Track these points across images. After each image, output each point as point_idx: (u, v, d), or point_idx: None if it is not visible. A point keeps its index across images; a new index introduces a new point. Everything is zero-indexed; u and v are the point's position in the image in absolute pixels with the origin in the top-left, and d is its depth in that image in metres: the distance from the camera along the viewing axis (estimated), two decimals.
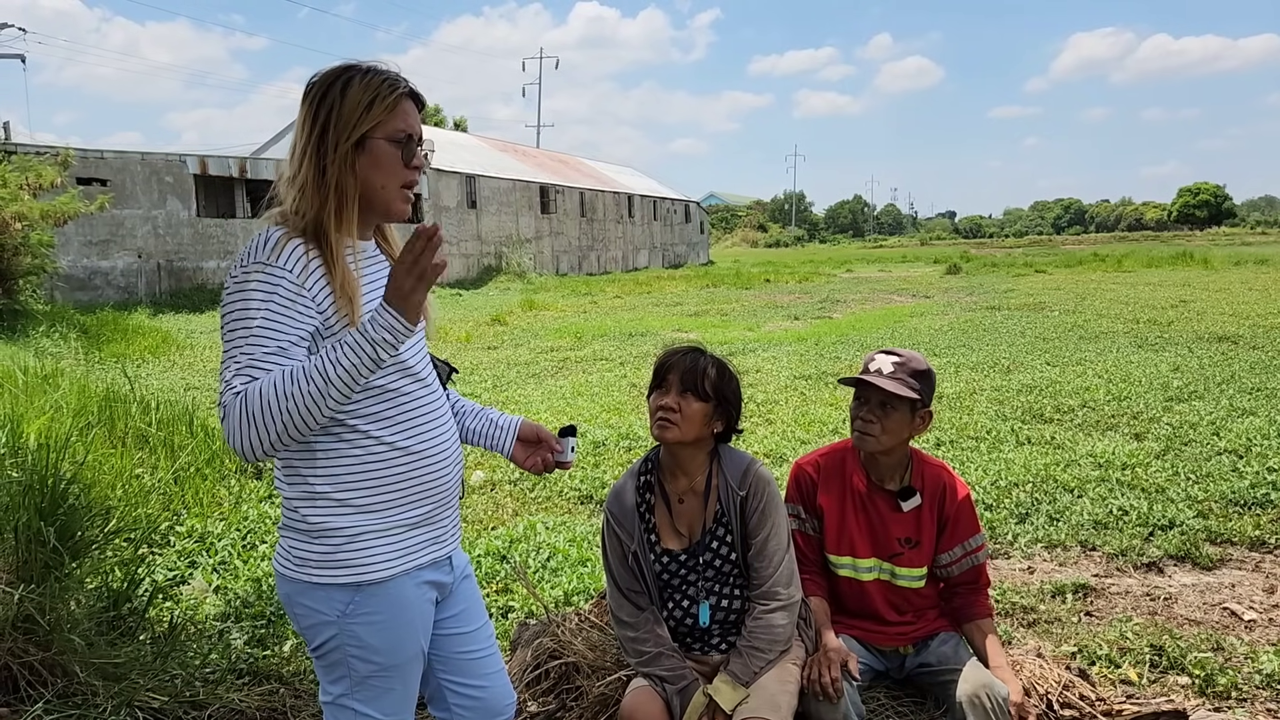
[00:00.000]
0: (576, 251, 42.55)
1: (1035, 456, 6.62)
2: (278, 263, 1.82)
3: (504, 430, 2.29)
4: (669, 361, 2.60)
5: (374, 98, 1.90)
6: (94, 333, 15.33)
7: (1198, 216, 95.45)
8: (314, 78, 1.95)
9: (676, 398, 2.54)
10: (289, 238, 1.86)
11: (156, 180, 23.80)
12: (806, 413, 8.52)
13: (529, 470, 2.31)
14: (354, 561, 1.92)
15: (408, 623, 2.00)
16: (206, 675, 3.52)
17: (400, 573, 1.97)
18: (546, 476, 6.47)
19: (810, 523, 2.90)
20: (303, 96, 1.94)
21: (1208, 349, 11.60)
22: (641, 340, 14.68)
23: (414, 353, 2.03)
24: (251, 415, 1.75)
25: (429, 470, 2.00)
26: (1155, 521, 5.22)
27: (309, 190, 1.89)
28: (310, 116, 1.91)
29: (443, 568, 2.09)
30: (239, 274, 1.84)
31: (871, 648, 2.86)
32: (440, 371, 2.20)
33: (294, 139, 1.94)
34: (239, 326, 1.80)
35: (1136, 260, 33.80)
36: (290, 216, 1.91)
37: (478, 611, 2.26)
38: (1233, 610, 4.20)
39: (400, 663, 2.00)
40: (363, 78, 1.91)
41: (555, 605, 4.15)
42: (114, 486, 5.07)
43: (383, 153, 1.92)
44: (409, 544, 1.98)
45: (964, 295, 22.49)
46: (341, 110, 1.88)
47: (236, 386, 1.77)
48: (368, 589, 1.93)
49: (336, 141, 1.88)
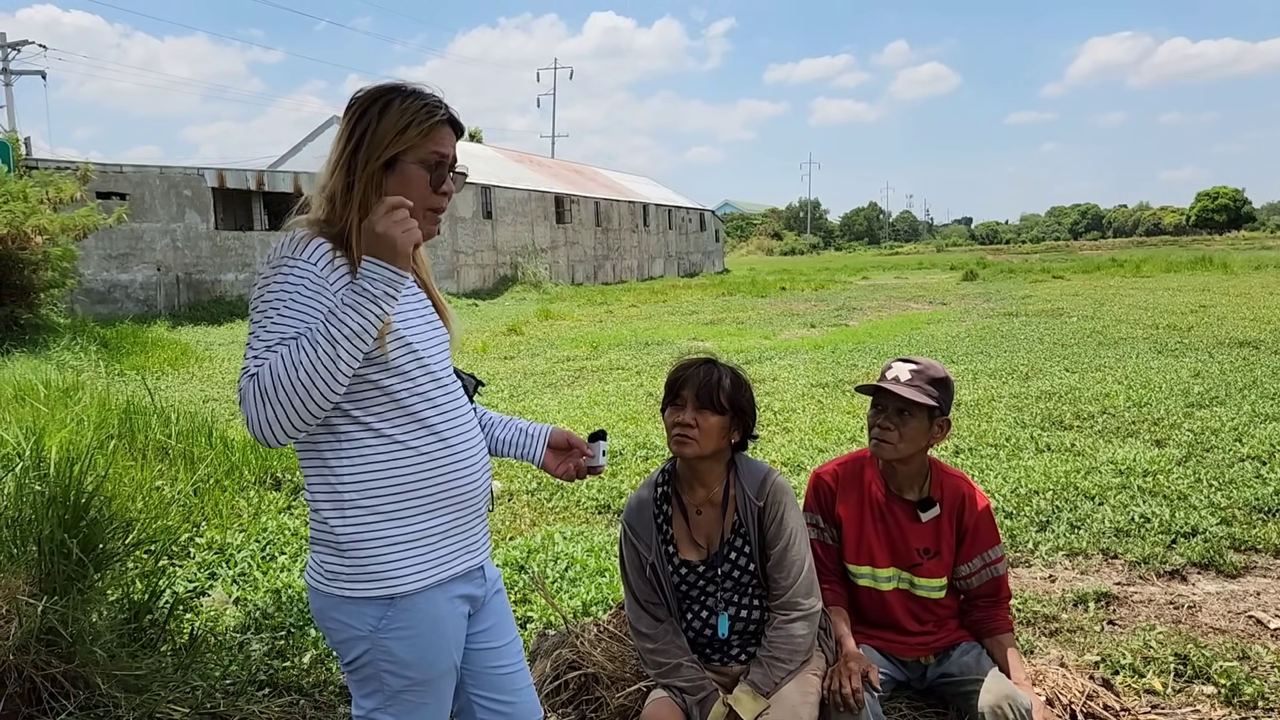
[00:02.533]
0: (592, 261, 42.62)
1: (1055, 464, 6.58)
2: (302, 257, 1.86)
3: (535, 439, 2.30)
4: (682, 376, 2.58)
5: (409, 122, 1.93)
6: (114, 346, 15.46)
7: (1216, 221, 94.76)
8: (358, 93, 1.98)
9: (693, 414, 2.53)
10: (314, 237, 1.90)
11: (175, 194, 23.99)
12: (824, 421, 8.49)
13: (561, 477, 2.32)
14: (385, 574, 1.92)
15: (441, 637, 2.00)
16: (227, 687, 3.53)
17: (433, 584, 1.97)
18: (565, 486, 6.49)
19: (829, 532, 2.89)
20: (345, 110, 1.97)
21: (1228, 354, 11.50)
22: (658, 349, 14.68)
23: (438, 359, 2.04)
24: (265, 392, 1.76)
25: (457, 475, 2.00)
26: (1178, 529, 5.17)
27: (337, 202, 1.93)
28: (347, 132, 1.94)
29: (475, 579, 2.09)
30: (267, 270, 1.88)
31: (892, 658, 2.84)
32: (466, 385, 2.20)
33: (331, 150, 1.97)
34: (261, 317, 1.85)
35: (1155, 265, 33.55)
36: (318, 224, 1.94)
37: (508, 626, 2.26)
38: (1258, 618, 4.15)
39: (433, 677, 2.00)
40: (402, 100, 1.94)
41: (574, 616, 4.15)
42: (134, 499, 5.11)
43: (411, 176, 1.95)
44: (440, 553, 1.98)
45: (981, 302, 22.38)
46: (377, 130, 1.91)
47: (251, 369, 1.80)
48: (400, 603, 1.93)
49: (367, 159, 1.91)
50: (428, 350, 2.00)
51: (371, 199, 1.91)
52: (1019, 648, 2.87)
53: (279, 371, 1.76)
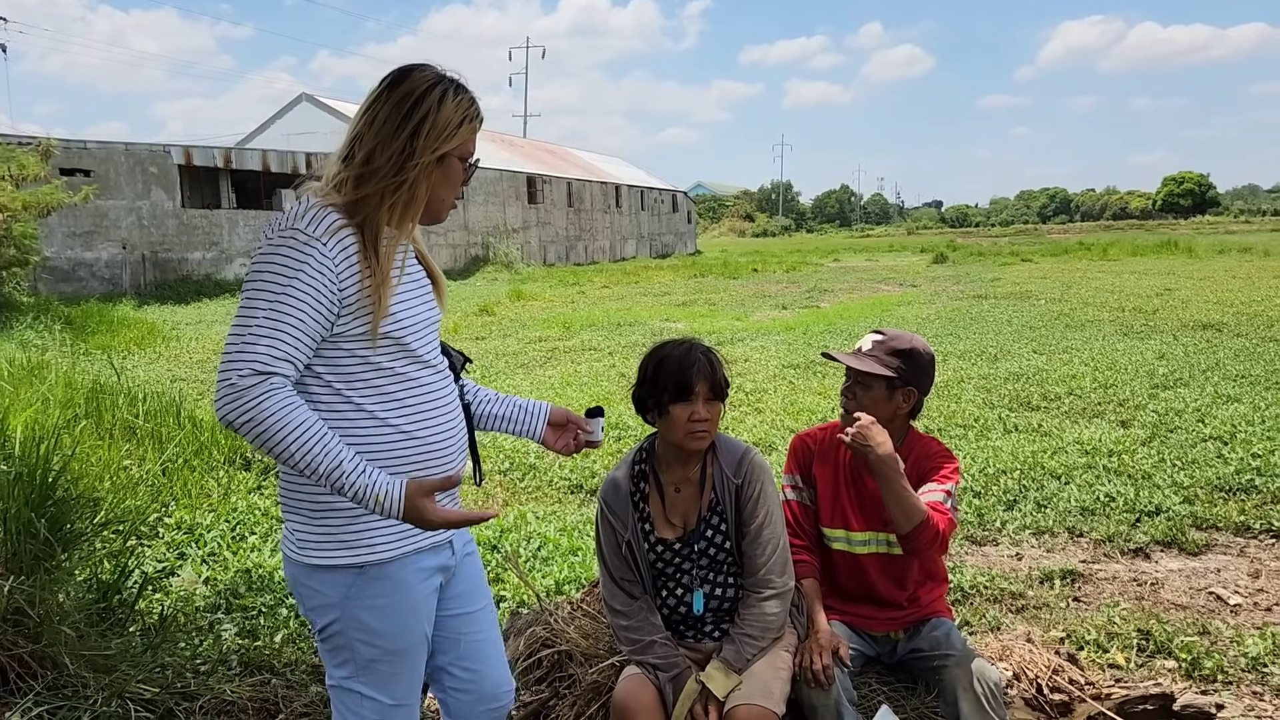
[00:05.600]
0: (564, 241, 42.48)
1: (1023, 444, 6.66)
2: (311, 231, 1.84)
3: (534, 415, 2.34)
4: (690, 370, 2.50)
5: (464, 118, 1.96)
6: (79, 324, 15.25)
7: (1182, 205, 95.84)
8: (401, 76, 1.96)
9: (707, 407, 2.51)
10: (326, 210, 1.88)
11: (141, 171, 23.62)
12: (795, 401, 8.54)
13: (559, 452, 2.36)
14: (355, 542, 1.94)
15: (410, 608, 2.02)
16: (197, 666, 3.51)
17: (400, 554, 1.99)
18: (537, 466, 6.50)
19: (807, 492, 2.92)
20: (387, 86, 1.94)
21: (1192, 337, 11.67)
22: (630, 330, 14.68)
23: (423, 341, 2.04)
24: (247, 418, 1.78)
25: (431, 455, 2.01)
26: (1142, 508, 5.26)
27: (376, 180, 1.90)
28: (400, 115, 1.91)
29: (443, 551, 2.11)
30: (274, 237, 1.86)
31: (863, 633, 2.87)
32: (455, 361, 2.22)
33: (364, 123, 1.94)
34: (264, 293, 1.82)
35: (1122, 249, 33.94)
36: (330, 192, 1.93)
37: (480, 592, 2.29)
38: (1218, 595, 4.24)
39: (404, 647, 2.02)
40: (455, 94, 1.95)
41: (547, 594, 4.16)
42: (102, 478, 5.05)
43: (454, 169, 2.00)
44: (407, 527, 1.99)
45: (951, 284, 22.55)
46: (436, 121, 1.92)
47: (245, 371, 1.77)
48: (369, 571, 1.95)
49: (425, 150, 1.91)
50: (418, 332, 2.01)
51: (421, 188, 1.93)
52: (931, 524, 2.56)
53: (267, 427, 1.77)
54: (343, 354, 1.92)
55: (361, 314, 1.89)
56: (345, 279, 1.86)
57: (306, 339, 1.84)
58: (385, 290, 1.90)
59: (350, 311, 1.88)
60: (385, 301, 1.90)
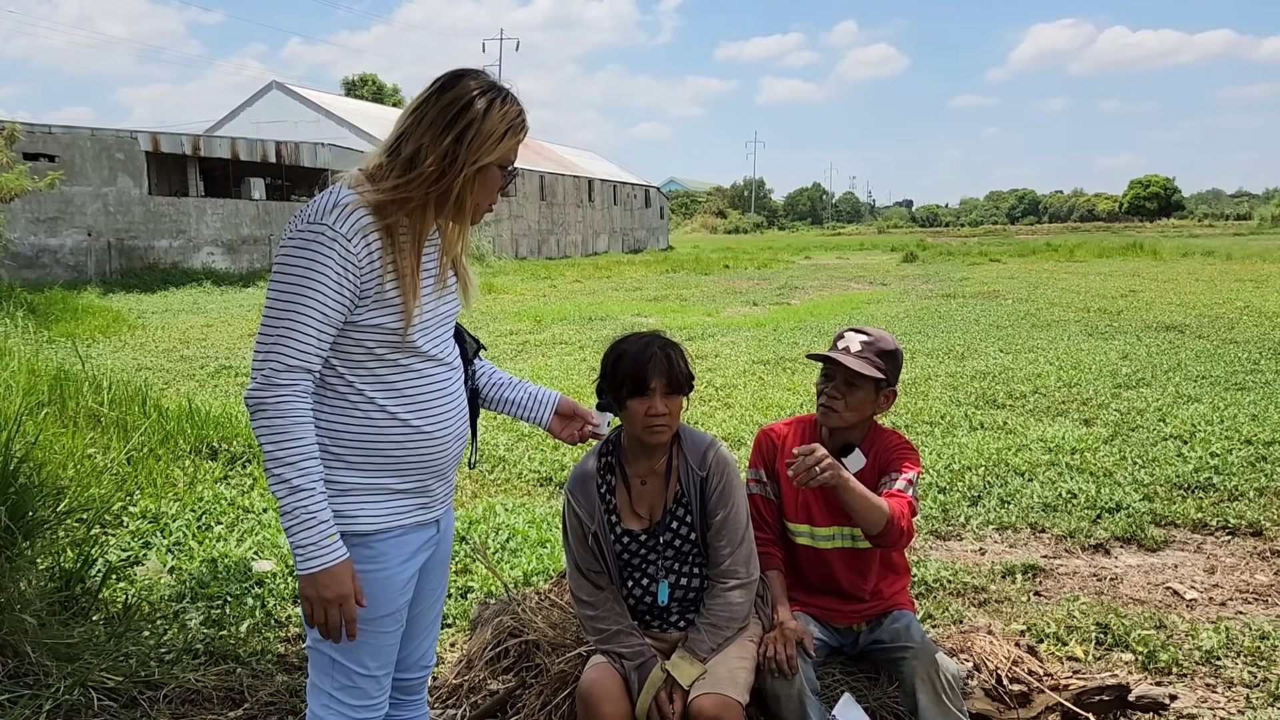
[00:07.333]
0: (536, 235, 42.35)
1: (988, 441, 6.74)
2: (338, 226, 1.87)
3: (544, 404, 2.44)
4: (646, 366, 2.50)
5: (508, 129, 1.97)
6: (42, 312, 15.01)
7: (1148, 208, 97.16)
8: (452, 80, 1.97)
9: (665, 402, 2.52)
10: (357, 205, 1.90)
11: (107, 157, 23.29)
12: (765, 397, 8.59)
13: (564, 440, 2.46)
14: (341, 511, 1.98)
15: (388, 579, 2.06)
16: (162, 655, 3.49)
17: (383, 529, 2.03)
18: (506, 458, 6.51)
19: (771, 487, 2.94)
20: (438, 89, 1.96)
21: (1155, 338, 11.85)
22: (601, 325, 14.68)
23: (431, 337, 2.06)
24: (271, 409, 1.86)
25: (429, 447, 2.06)
26: (1103, 504, 5.35)
27: (418, 183, 1.92)
28: (447, 119, 1.93)
29: (428, 529, 2.15)
30: (304, 228, 1.88)
31: (827, 625, 2.91)
32: (469, 346, 2.27)
33: (412, 121, 1.95)
34: (295, 286, 1.87)
35: (1088, 250, 34.37)
36: (364, 182, 1.95)
37: (440, 571, 2.33)
38: (1175, 590, 4.33)
39: (377, 616, 2.06)
40: (503, 103, 1.96)
41: (515, 585, 4.17)
42: (65, 466, 5.00)
43: (493, 178, 2.02)
44: (395, 506, 2.05)
45: (920, 283, 22.74)
46: (481, 130, 1.93)
47: (279, 366, 1.85)
48: (350, 539, 1.98)
49: (468, 158, 1.93)
50: (428, 327, 2.04)
51: (464, 195, 1.96)
52: (885, 512, 2.54)
53: (270, 429, 1.86)
54: (350, 342, 1.96)
55: (374, 308, 1.94)
56: (366, 276, 1.91)
57: (330, 331, 1.90)
58: (417, 284, 1.96)
59: (365, 305, 1.93)
60: (414, 296, 1.95)
